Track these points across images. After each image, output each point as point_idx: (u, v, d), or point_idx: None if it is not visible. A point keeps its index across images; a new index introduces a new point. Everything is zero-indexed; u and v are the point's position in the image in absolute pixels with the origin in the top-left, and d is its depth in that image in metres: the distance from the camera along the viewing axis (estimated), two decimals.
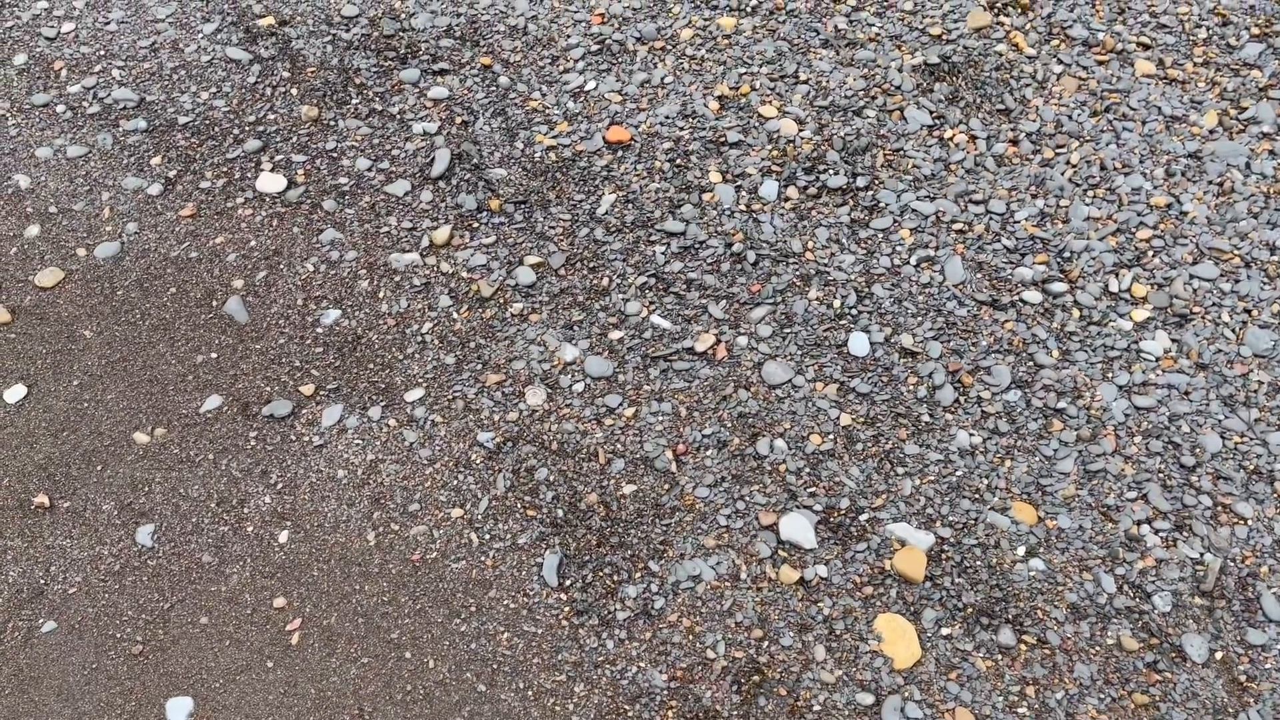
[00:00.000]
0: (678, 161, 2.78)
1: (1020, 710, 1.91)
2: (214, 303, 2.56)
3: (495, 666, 1.99)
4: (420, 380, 2.41)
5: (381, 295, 2.56)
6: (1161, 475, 2.19)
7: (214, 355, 2.47)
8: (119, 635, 2.06)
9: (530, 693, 1.96)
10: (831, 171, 2.73)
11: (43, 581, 2.13)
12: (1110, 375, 2.35)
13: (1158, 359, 2.38)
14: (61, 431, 2.35)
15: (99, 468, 2.29)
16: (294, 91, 2.98)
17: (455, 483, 2.24)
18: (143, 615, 2.08)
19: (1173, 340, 2.40)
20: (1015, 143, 2.79)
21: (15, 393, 2.41)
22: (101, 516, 2.22)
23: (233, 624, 2.06)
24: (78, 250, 2.68)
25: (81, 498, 2.25)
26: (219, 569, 2.14)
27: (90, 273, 2.64)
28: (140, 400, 2.40)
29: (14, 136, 2.92)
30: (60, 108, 2.98)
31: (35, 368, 2.46)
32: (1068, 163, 2.74)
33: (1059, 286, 2.49)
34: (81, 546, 2.18)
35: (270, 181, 2.79)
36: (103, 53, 3.10)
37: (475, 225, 2.68)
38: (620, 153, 2.80)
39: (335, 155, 2.85)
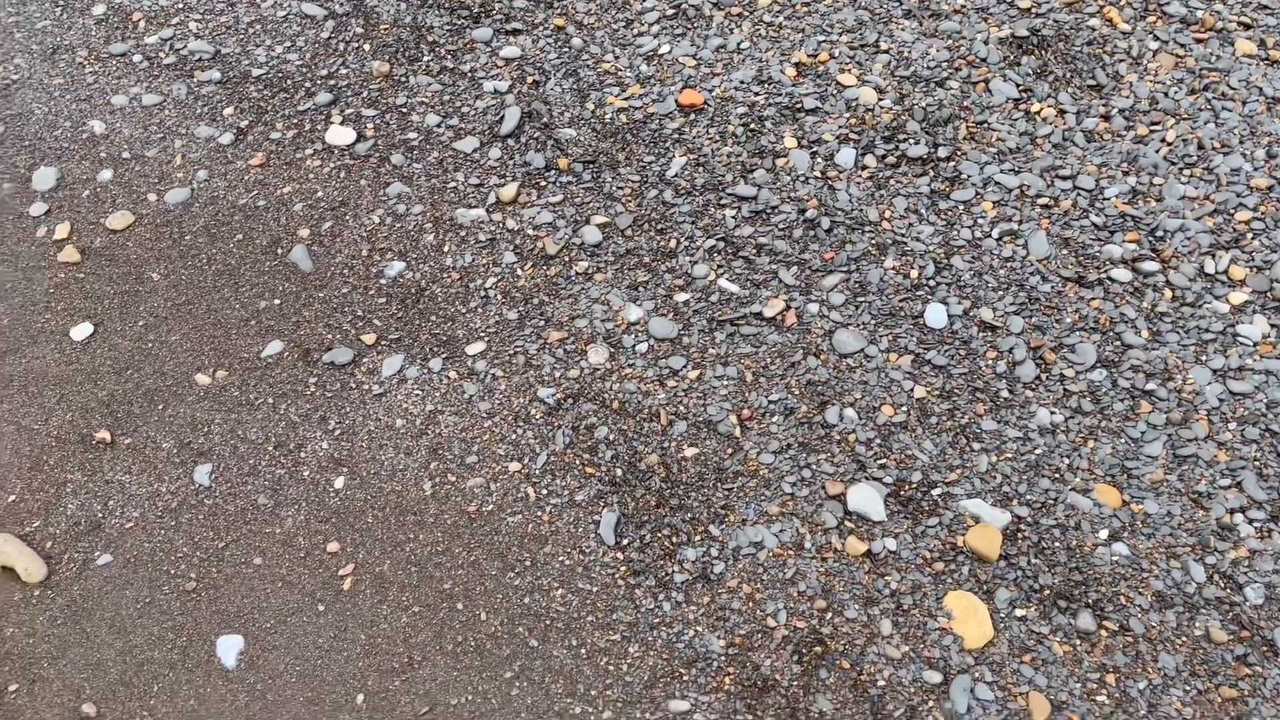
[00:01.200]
0: (751, 126, 2.70)
1: (1099, 698, 1.81)
2: (279, 250, 2.55)
3: (548, 622, 1.94)
4: (482, 334, 2.36)
5: (446, 249, 2.52)
6: (1258, 463, 2.07)
7: (277, 302, 2.45)
8: (173, 571, 2.04)
9: (583, 650, 1.90)
10: (912, 141, 2.64)
11: (100, 515, 2.12)
12: (1204, 358, 2.23)
13: (1255, 344, 2.25)
14: (125, 370, 2.35)
15: (160, 406, 2.28)
16: (366, 47, 2.96)
17: (514, 437, 2.19)
18: (197, 553, 2.06)
19: (1272, 325, 2.27)
20: (1107, 118, 2.67)
21: (82, 330, 2.42)
22: (161, 454, 2.21)
23: (285, 566, 2.04)
24: (148, 195, 2.69)
25: (142, 435, 2.24)
26: (274, 511, 2.11)
27: (160, 217, 2.64)
28: (203, 343, 2.39)
29: (91, 84, 2.94)
30: (137, 57, 3.00)
31: (102, 307, 2.47)
32: (1163, 140, 2.61)
33: (1150, 265, 2.37)
34: (140, 483, 2.17)
35: (340, 134, 2.77)
36: (180, 5, 3.11)
37: (542, 183, 2.63)
38: (692, 116, 2.74)
39: (405, 111, 2.82)
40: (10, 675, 1.93)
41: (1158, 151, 2.60)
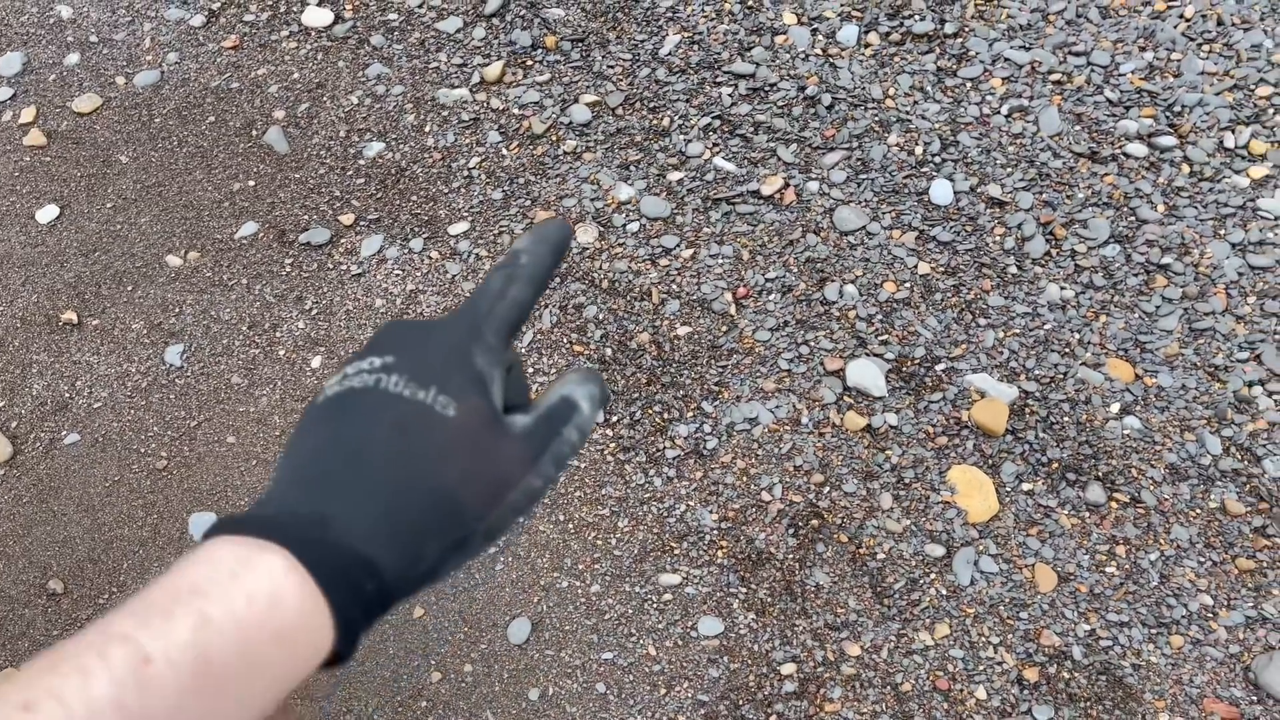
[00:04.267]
0: (749, 4, 2.57)
1: (1109, 570, 1.73)
2: (253, 132, 2.43)
3: None
4: (465, 214, 2.25)
5: (428, 129, 2.40)
6: (1278, 337, 1.97)
7: (251, 183, 2.34)
8: (143, 450, 1.96)
9: (570, 525, 1.82)
10: (917, 18, 2.51)
11: (68, 395, 2.03)
12: (1223, 233, 2.12)
13: (1277, 218, 2.14)
14: (93, 252, 2.25)
15: (129, 288, 2.19)
16: None
17: None
18: (168, 432, 1.98)
19: None
20: None
21: (47, 213, 2.31)
22: (130, 335, 2.11)
23: (260, 444, 1.95)
24: (116, 78, 2.57)
25: (110, 316, 2.15)
26: (248, 390, 2.02)
27: (128, 100, 2.52)
28: (174, 225, 2.28)
29: None
30: None
31: (69, 190, 2.36)
32: (1181, 16, 2.48)
33: (1167, 140, 2.25)
34: (109, 363, 2.07)
35: (317, 16, 2.64)
36: None
37: (529, 63, 2.51)
38: None
39: None
40: None
41: (1175, 27, 2.47)
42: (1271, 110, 2.29)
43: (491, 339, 0.50)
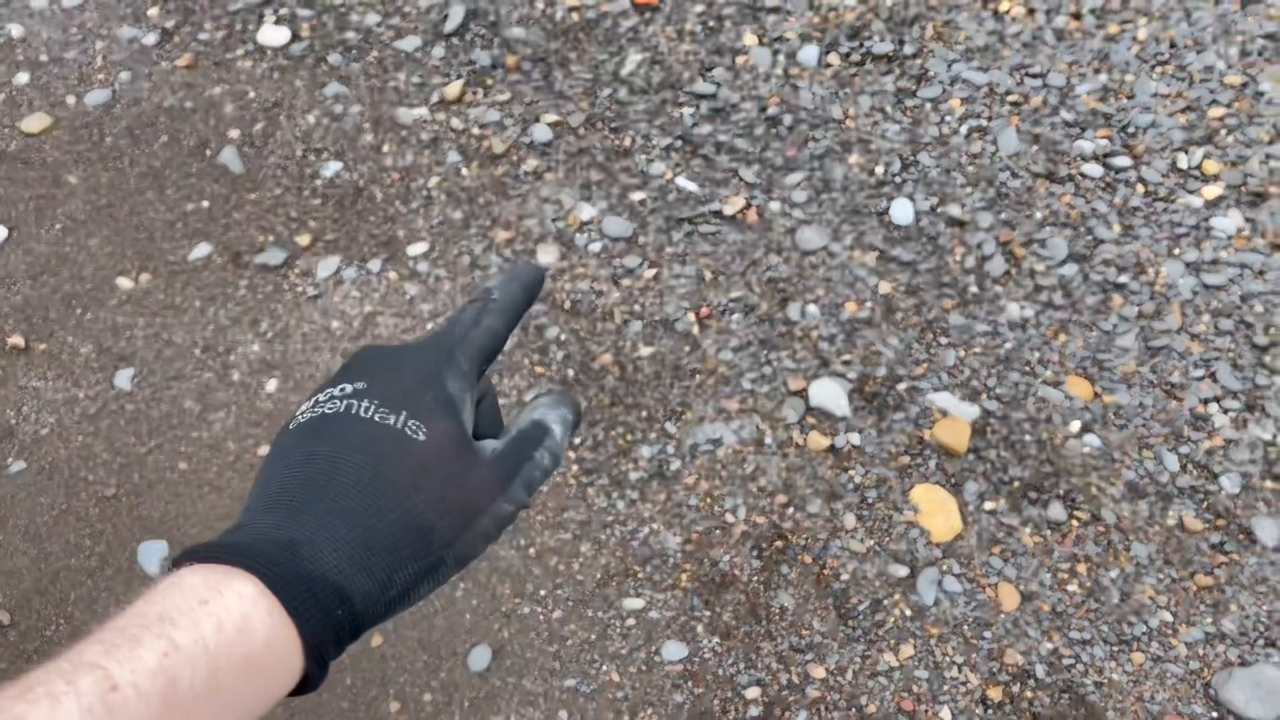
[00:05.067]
0: (710, 25, 2.58)
1: (1070, 588, 1.73)
2: (207, 152, 2.39)
3: None
4: (425, 235, 2.23)
5: (386, 149, 2.38)
6: (1232, 354, 2.00)
7: (205, 204, 2.30)
8: (91, 478, 1.90)
9: (532, 550, 1.79)
10: (877, 39, 2.53)
11: (13, 422, 1.98)
12: (1177, 252, 2.15)
13: (1229, 237, 2.17)
14: (41, 275, 2.20)
15: (79, 311, 2.13)
16: None
17: None
18: (118, 459, 1.93)
19: (1246, 219, 2.19)
20: (1077, 17, 2.57)
21: None
22: (79, 359, 2.06)
23: (214, 471, 1.90)
24: (67, 98, 2.52)
25: (59, 340, 2.09)
26: (201, 415, 1.98)
27: (79, 119, 2.47)
28: (125, 246, 2.24)
29: None
30: None
31: (16, 211, 2.30)
32: (1134, 39, 2.52)
33: (1123, 161, 2.28)
34: (56, 388, 2.02)
35: (273, 34, 2.61)
36: None
37: (489, 82, 2.49)
38: (648, 14, 2.60)
39: (343, 11, 2.66)
40: None
41: (1129, 50, 2.51)
42: (1224, 131, 2.34)
43: (464, 364, 0.51)
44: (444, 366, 0.50)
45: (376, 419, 0.47)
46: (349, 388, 0.49)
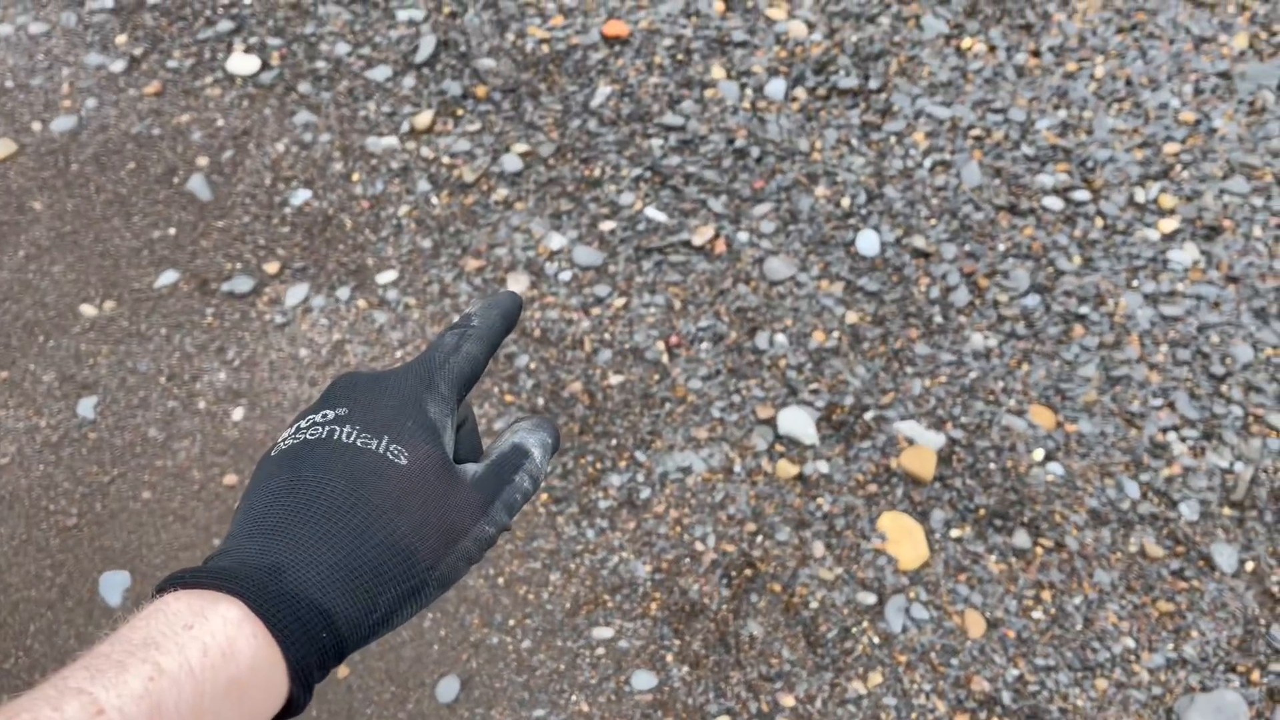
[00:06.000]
0: (679, 58, 2.61)
1: (1035, 615, 1.75)
2: (175, 180, 2.38)
3: None
4: (394, 263, 2.23)
5: (356, 178, 2.38)
6: (1189, 384, 2.04)
7: (172, 231, 2.28)
8: (52, 507, 1.87)
9: (500, 580, 1.78)
10: (843, 73, 2.57)
11: None
12: (1135, 284, 2.20)
13: (1186, 269, 2.22)
14: (3, 301, 2.17)
15: (41, 339, 2.11)
16: None
17: None
18: (80, 488, 1.90)
19: (1202, 252, 2.25)
20: (1037, 55, 2.64)
21: None
22: (41, 387, 2.03)
23: (178, 500, 1.88)
24: (32, 124, 2.50)
25: (20, 368, 2.06)
26: (166, 444, 1.95)
27: (44, 146, 2.45)
28: (90, 274, 2.21)
29: None
30: None
31: None
32: (1092, 76, 2.59)
33: (1082, 195, 2.34)
34: (17, 416, 1.99)
35: (242, 63, 2.61)
36: None
37: (460, 112, 2.51)
38: (618, 48, 2.64)
39: (313, 40, 2.67)
40: None
41: (1087, 87, 2.58)
42: (1179, 167, 2.40)
43: (445, 389, 0.52)
44: (425, 392, 0.51)
45: (359, 444, 0.48)
46: (331, 414, 0.49)
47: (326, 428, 0.49)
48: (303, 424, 0.50)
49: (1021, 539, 1.83)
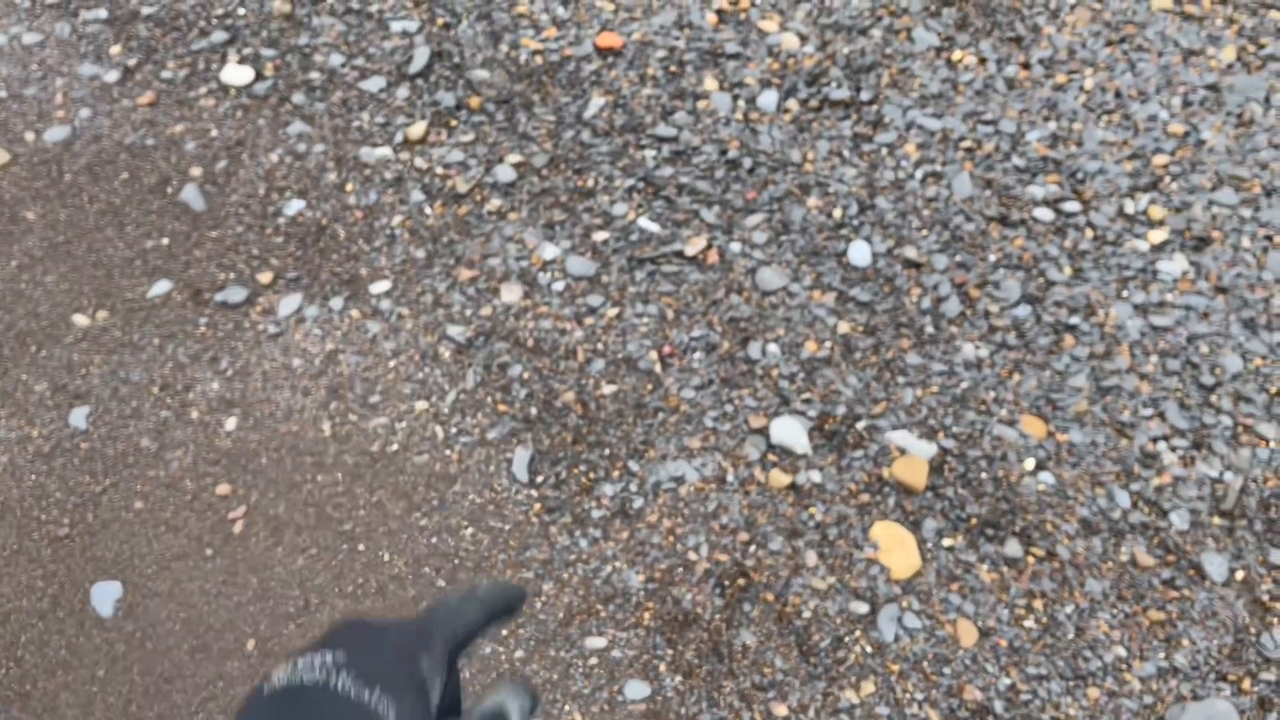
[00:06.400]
0: (672, 70, 2.63)
1: (1027, 624, 1.76)
2: (168, 190, 2.38)
3: (456, 562, 1.82)
4: (387, 273, 2.23)
5: (350, 188, 2.39)
6: (1179, 394, 2.05)
7: (165, 241, 2.29)
8: (44, 518, 1.87)
9: None
10: (834, 85, 2.59)
11: None
12: (1125, 294, 2.21)
13: (1175, 280, 2.24)
14: None
15: (33, 349, 2.10)
16: None
17: (421, 376, 2.07)
18: (72, 498, 1.89)
19: (1191, 263, 2.26)
20: (1027, 67, 2.66)
21: None
22: (33, 397, 2.03)
23: (170, 510, 1.88)
24: (25, 134, 2.50)
25: (12, 378, 2.06)
26: (158, 454, 1.95)
27: (37, 156, 2.45)
28: (83, 283, 2.21)
29: None
30: None
31: None
32: (1081, 89, 2.61)
33: (1072, 206, 2.35)
34: (9, 426, 1.99)
35: (236, 73, 2.62)
36: None
37: (453, 123, 2.52)
38: (611, 59, 2.65)
39: (307, 52, 2.68)
40: None
41: (1076, 99, 2.60)
42: (1168, 178, 2.42)
43: (440, 649, 0.56)
44: (422, 649, 0.55)
45: (352, 695, 0.50)
46: (329, 658, 0.52)
47: (324, 673, 0.51)
48: (300, 663, 0.52)
49: (1013, 548, 1.84)
